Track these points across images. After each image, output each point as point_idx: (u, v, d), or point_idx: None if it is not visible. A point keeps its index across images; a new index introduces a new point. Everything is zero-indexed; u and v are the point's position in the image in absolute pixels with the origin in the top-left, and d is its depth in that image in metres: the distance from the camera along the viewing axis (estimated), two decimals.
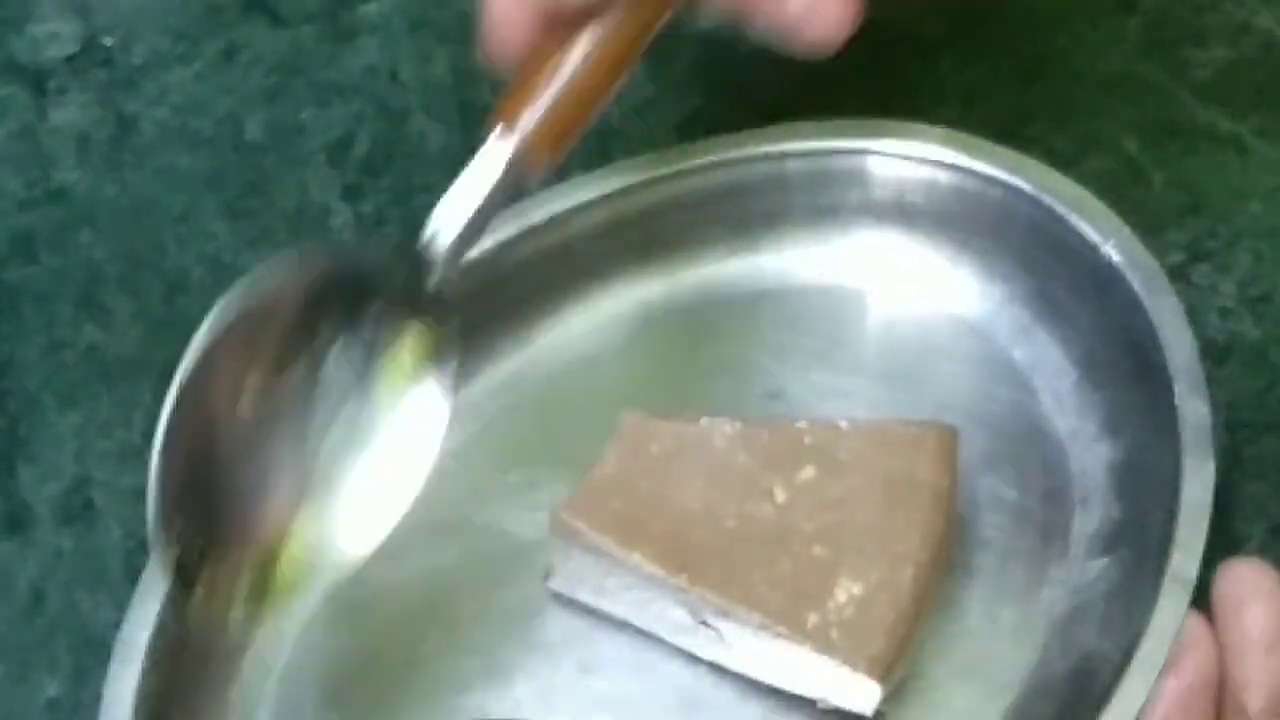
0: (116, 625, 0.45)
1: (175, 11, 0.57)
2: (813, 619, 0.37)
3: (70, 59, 0.57)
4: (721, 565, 0.38)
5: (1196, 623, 0.35)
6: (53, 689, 0.45)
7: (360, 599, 0.42)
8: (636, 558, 0.39)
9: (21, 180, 0.55)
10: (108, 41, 0.57)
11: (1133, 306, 0.40)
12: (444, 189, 0.40)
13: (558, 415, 0.47)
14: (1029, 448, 0.42)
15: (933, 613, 0.39)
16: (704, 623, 0.39)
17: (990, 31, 0.50)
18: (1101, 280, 0.42)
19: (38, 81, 0.57)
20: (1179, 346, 0.39)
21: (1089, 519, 0.40)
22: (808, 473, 0.40)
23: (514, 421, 0.47)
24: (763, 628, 0.38)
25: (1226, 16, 0.48)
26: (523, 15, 0.39)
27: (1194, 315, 0.43)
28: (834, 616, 0.37)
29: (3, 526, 0.48)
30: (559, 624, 0.42)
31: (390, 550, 0.42)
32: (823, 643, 0.37)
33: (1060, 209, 0.43)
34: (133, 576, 0.46)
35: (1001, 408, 0.43)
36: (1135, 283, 0.40)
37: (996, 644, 0.39)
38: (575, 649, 0.41)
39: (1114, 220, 0.42)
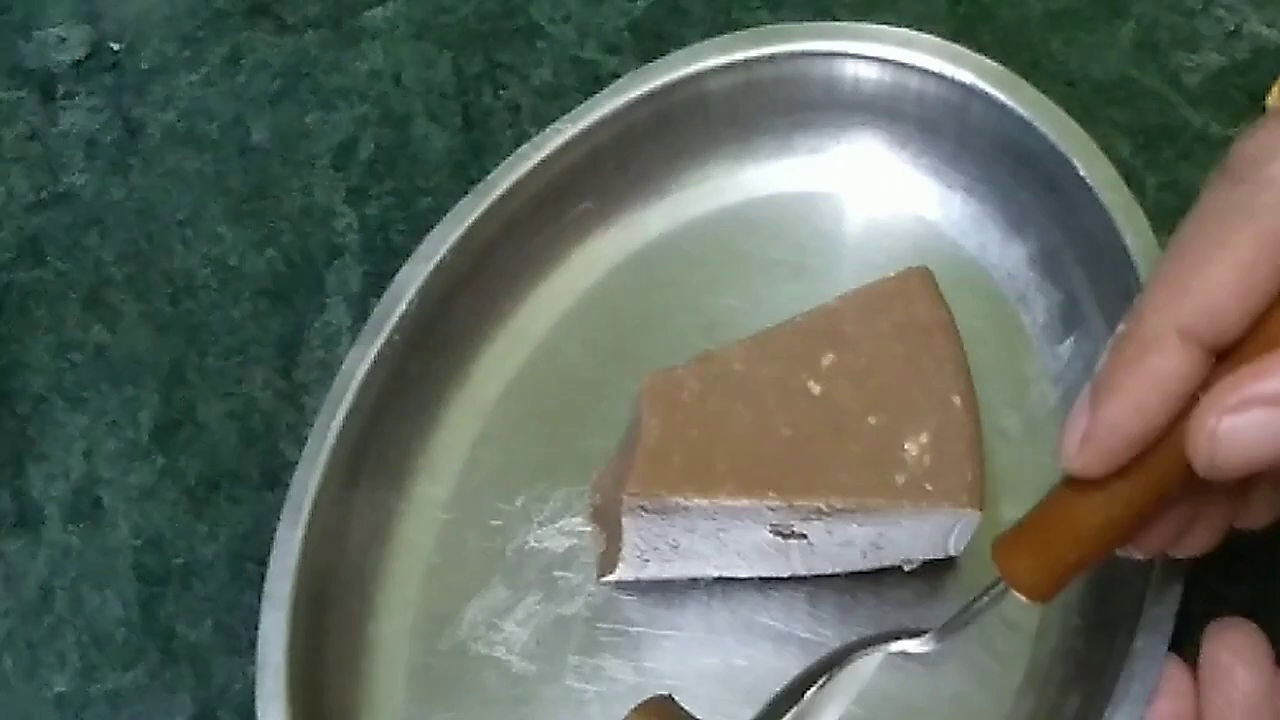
0: (124, 623, 0.46)
1: (182, 17, 0.57)
2: (900, 480, 0.38)
3: (78, 63, 0.57)
4: (798, 471, 0.39)
5: (1178, 671, 0.35)
6: (60, 685, 0.45)
7: (444, 662, 0.44)
8: (724, 497, 0.39)
9: (30, 183, 0.55)
10: (115, 46, 0.57)
11: (1092, 208, 0.42)
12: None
13: (540, 420, 0.47)
14: (993, 340, 0.45)
15: None
16: (791, 535, 0.40)
17: (984, 37, 0.50)
18: (1061, 184, 0.43)
19: (46, 85, 0.57)
20: (1140, 244, 0.41)
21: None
22: (829, 358, 0.41)
23: (500, 439, 0.47)
24: (859, 509, 0.39)
25: (1218, 22, 0.48)
26: (1147, 432, 0.30)
27: None
28: (918, 470, 0.38)
29: (12, 525, 0.48)
30: (635, 609, 0.43)
31: (448, 607, 0.44)
32: (920, 496, 0.38)
33: (1022, 112, 0.44)
34: (140, 574, 0.47)
35: (963, 303, 0.44)
36: (1095, 185, 0.42)
37: (1021, 451, 0.43)
38: (660, 627, 0.43)
39: (1073, 126, 0.43)
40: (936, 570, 0.42)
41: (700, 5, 0.53)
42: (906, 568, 0.41)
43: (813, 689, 0.38)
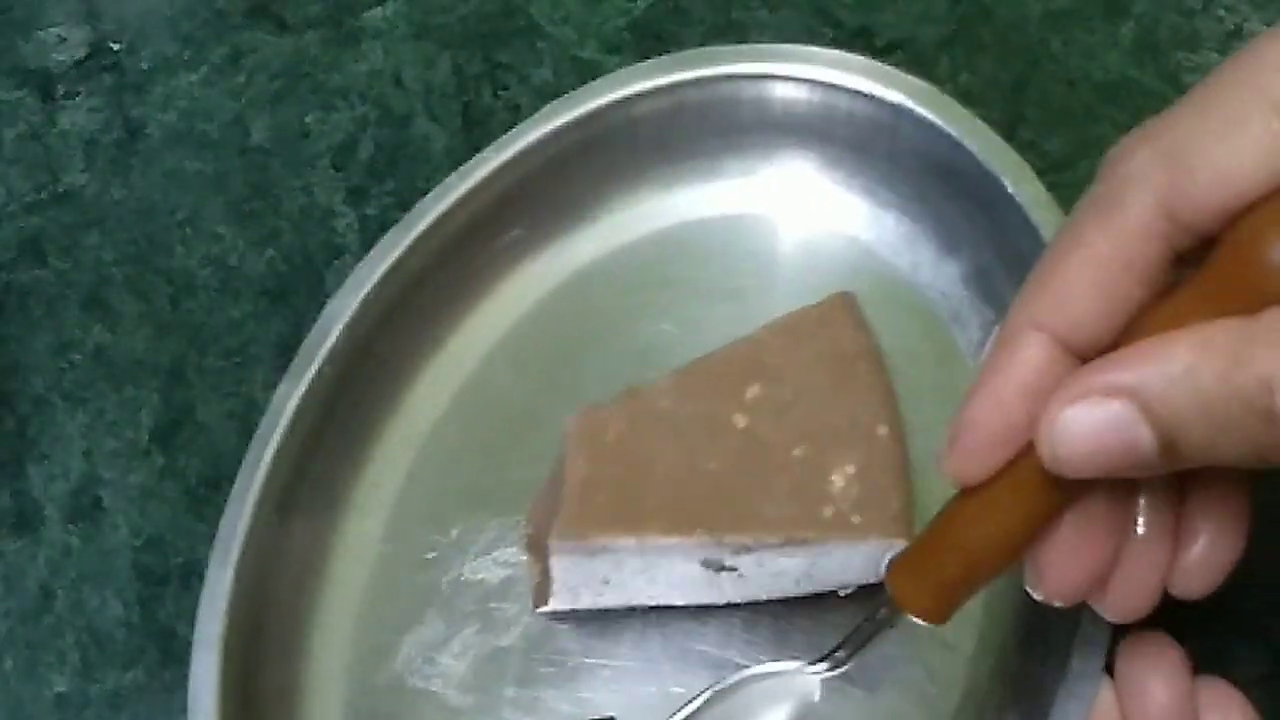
0: (124, 623, 0.46)
1: (182, 17, 0.57)
2: (828, 512, 0.38)
3: (78, 63, 0.57)
4: (726, 507, 0.39)
5: (1105, 688, 0.35)
6: (61, 685, 0.45)
7: (380, 698, 0.43)
8: (651, 535, 0.39)
9: (30, 183, 0.55)
10: (115, 46, 0.57)
11: (1022, 227, 0.42)
12: None
13: (474, 450, 0.47)
14: (928, 360, 0.44)
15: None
16: (722, 568, 0.40)
17: (984, 37, 0.50)
18: (992, 202, 0.43)
19: (46, 85, 0.57)
20: None
21: None
22: (754, 390, 0.41)
23: (433, 469, 0.47)
24: (788, 543, 0.38)
25: (1218, 22, 0.48)
26: (1005, 429, 0.29)
27: None
28: (845, 503, 0.38)
29: (12, 525, 0.48)
30: (571, 639, 0.43)
31: (384, 641, 0.44)
32: (847, 530, 0.38)
33: (951, 131, 0.43)
34: (140, 574, 0.47)
35: (897, 324, 0.44)
36: (1024, 204, 0.42)
37: None
38: (595, 656, 0.42)
39: (1001, 145, 0.43)
40: (872, 594, 0.40)
41: (700, 5, 0.53)
42: (842, 593, 0.40)
43: (693, 706, 0.38)
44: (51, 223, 0.54)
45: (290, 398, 0.44)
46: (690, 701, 0.38)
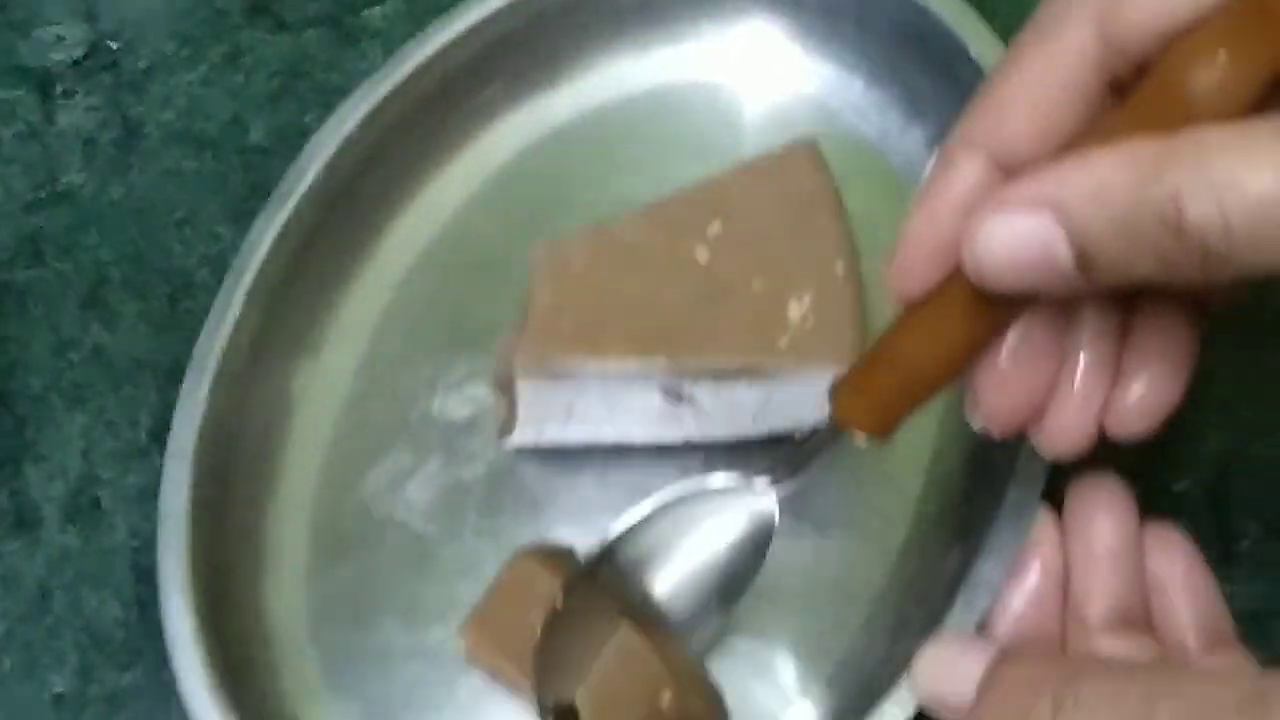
0: (123, 623, 0.46)
1: (181, 15, 0.57)
2: (783, 342, 0.40)
3: (76, 62, 0.57)
4: (685, 334, 0.41)
5: (1047, 522, 0.35)
6: (59, 686, 0.45)
7: (346, 523, 0.45)
8: (613, 359, 0.40)
9: (28, 182, 0.55)
10: (114, 45, 0.57)
11: None
12: None
13: (448, 292, 0.48)
14: (891, 222, 0.45)
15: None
16: (681, 398, 0.41)
17: None
18: (958, 68, 0.44)
19: (44, 84, 0.57)
20: None
21: None
22: (715, 227, 0.42)
23: (407, 310, 0.48)
24: (743, 370, 0.40)
25: None
26: (939, 244, 0.30)
27: None
28: (801, 332, 0.40)
29: (10, 526, 0.48)
30: (534, 473, 0.44)
31: (352, 471, 0.45)
32: (803, 356, 0.40)
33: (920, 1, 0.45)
34: (139, 575, 0.47)
35: (862, 186, 0.45)
36: (989, 69, 0.43)
37: None
38: (558, 489, 0.44)
39: (968, 10, 0.44)
40: None
41: None
42: (798, 435, 0.41)
43: (638, 516, 0.39)
44: (49, 222, 0.54)
45: (266, 233, 0.46)
46: (636, 511, 0.39)
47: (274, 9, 0.57)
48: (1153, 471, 0.42)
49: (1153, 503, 0.41)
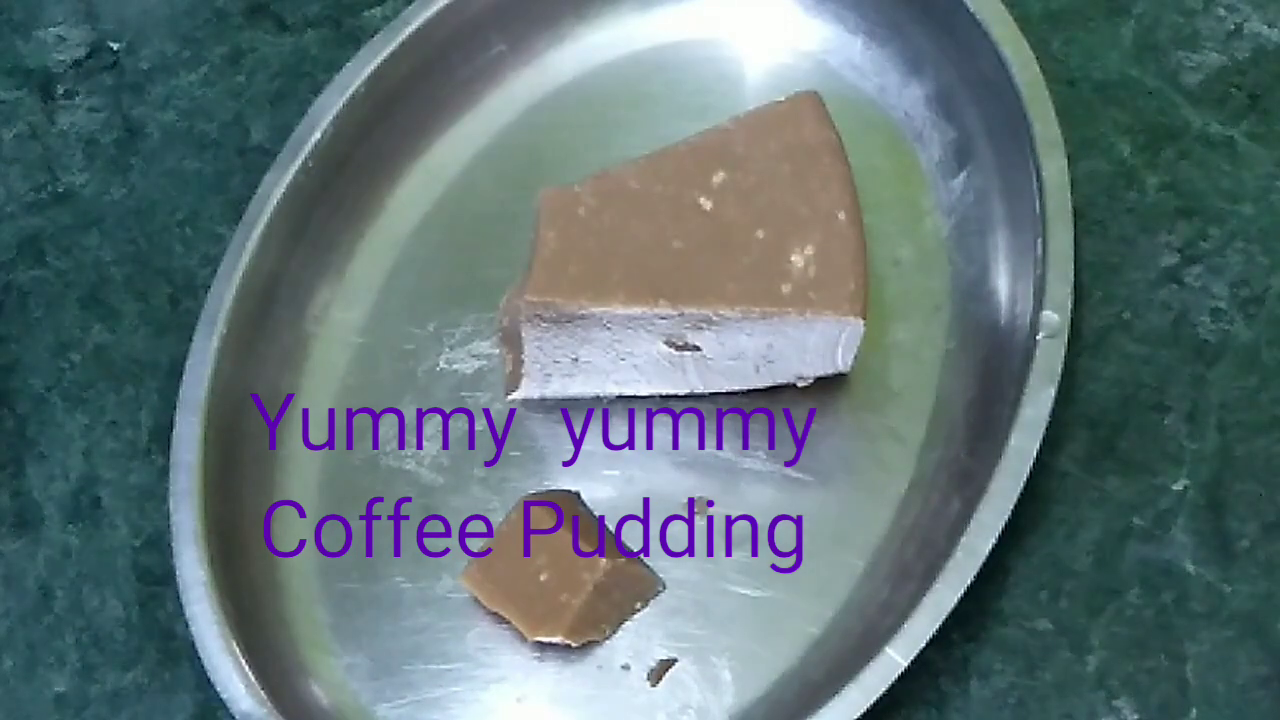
0: (124, 623, 0.46)
1: (182, 17, 0.57)
2: (786, 289, 0.40)
3: (78, 63, 0.57)
4: (689, 281, 0.41)
5: None
6: (60, 684, 0.45)
7: (355, 473, 0.46)
8: (617, 304, 0.41)
9: (29, 183, 0.55)
10: (115, 46, 0.57)
11: (985, 49, 0.44)
12: None
13: (454, 250, 0.49)
14: (891, 176, 0.47)
15: None
16: (685, 346, 0.42)
17: None
18: (956, 25, 0.45)
19: (46, 85, 0.57)
20: (1027, 79, 0.43)
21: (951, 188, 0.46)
22: (720, 176, 0.42)
23: (414, 267, 0.49)
24: (745, 318, 0.40)
25: (1218, 21, 0.48)
26: None
27: (1186, 316, 0.44)
28: (803, 280, 0.40)
29: (11, 525, 0.48)
30: (539, 426, 0.45)
31: (361, 424, 0.46)
32: (805, 304, 0.40)
33: None
34: (139, 574, 0.47)
35: (862, 142, 0.45)
36: (987, 25, 0.44)
37: (912, 278, 0.45)
38: (562, 441, 0.45)
39: None
40: (828, 386, 0.43)
41: None
42: (800, 384, 0.43)
43: None
44: (51, 222, 0.54)
45: (276, 186, 0.47)
46: None
47: (274, 10, 0.57)
48: (1153, 471, 0.42)
49: (1153, 502, 0.41)
